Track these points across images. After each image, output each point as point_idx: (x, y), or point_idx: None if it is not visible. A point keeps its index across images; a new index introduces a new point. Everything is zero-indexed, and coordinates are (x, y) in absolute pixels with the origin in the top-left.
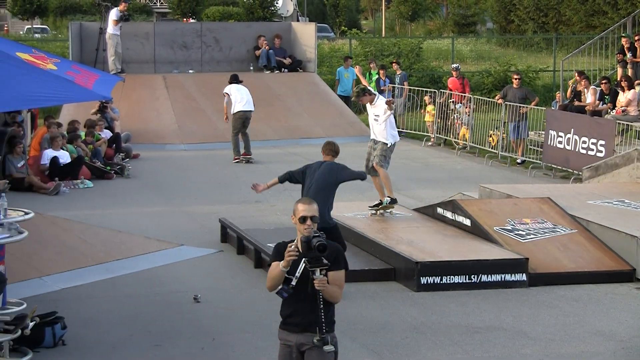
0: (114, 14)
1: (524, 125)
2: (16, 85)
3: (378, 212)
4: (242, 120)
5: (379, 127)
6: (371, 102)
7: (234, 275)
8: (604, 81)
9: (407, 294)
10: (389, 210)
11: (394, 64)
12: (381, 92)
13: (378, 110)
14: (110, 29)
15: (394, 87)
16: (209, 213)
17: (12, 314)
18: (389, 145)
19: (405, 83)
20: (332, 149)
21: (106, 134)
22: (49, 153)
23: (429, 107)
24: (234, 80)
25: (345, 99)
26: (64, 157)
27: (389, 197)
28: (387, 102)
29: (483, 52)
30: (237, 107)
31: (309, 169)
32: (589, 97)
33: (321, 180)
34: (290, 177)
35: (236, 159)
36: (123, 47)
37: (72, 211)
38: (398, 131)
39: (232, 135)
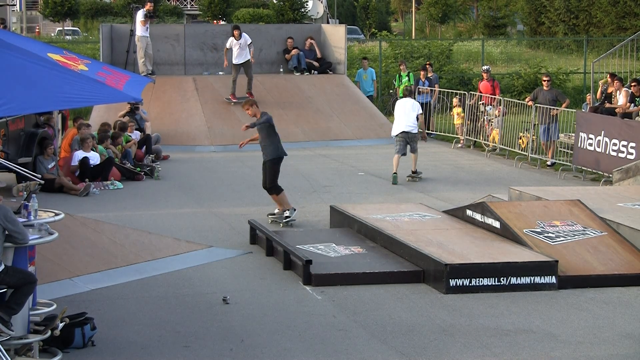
0: (140, 14)
1: (554, 127)
2: (48, 86)
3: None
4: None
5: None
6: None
7: (263, 277)
8: (634, 83)
9: (436, 296)
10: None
11: (422, 71)
12: (419, 93)
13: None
14: (139, 30)
15: (418, 89)
16: (238, 214)
17: (42, 314)
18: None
19: (436, 85)
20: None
21: (136, 135)
22: (79, 154)
23: (458, 110)
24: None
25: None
26: (94, 158)
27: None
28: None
29: (513, 54)
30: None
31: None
32: (621, 99)
33: None
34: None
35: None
36: (154, 48)
37: (102, 212)
38: (429, 133)
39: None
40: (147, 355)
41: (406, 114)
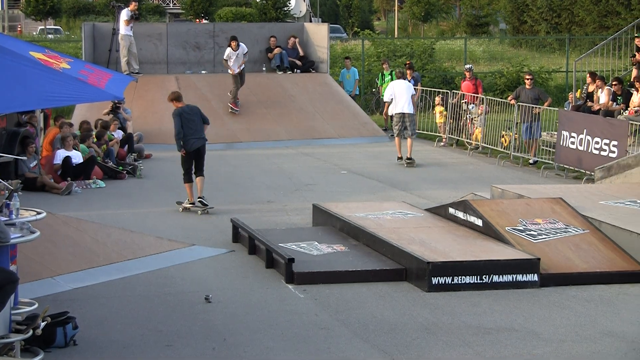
0: (124, 14)
1: (536, 125)
2: (30, 84)
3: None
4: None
5: None
6: None
7: (245, 275)
8: (615, 82)
9: (418, 294)
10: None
11: (408, 70)
12: None
13: None
14: (122, 29)
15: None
16: (220, 213)
17: (23, 313)
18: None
19: (418, 84)
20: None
21: (119, 134)
22: (61, 153)
23: (440, 108)
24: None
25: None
26: (77, 157)
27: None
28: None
29: (496, 52)
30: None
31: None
32: (602, 98)
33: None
34: None
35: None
36: (137, 47)
37: (85, 211)
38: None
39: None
40: (129, 354)
41: (401, 95)
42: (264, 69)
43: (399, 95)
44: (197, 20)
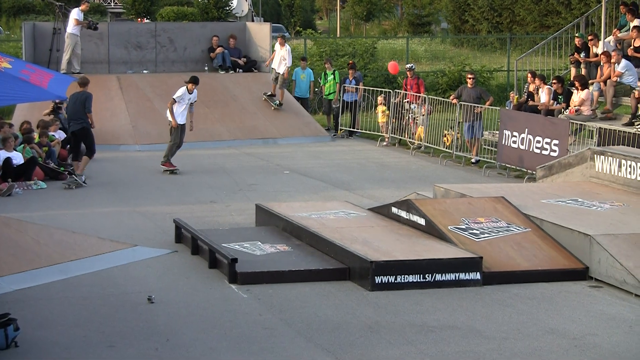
0: (75, 13)
1: (478, 125)
2: None
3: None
4: None
5: None
6: None
7: (188, 276)
8: (555, 80)
9: (361, 294)
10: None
11: (350, 69)
12: (345, 91)
13: None
14: (71, 28)
15: (344, 87)
16: (163, 213)
17: None
18: None
19: (360, 83)
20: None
21: (60, 134)
22: (1, 154)
23: (382, 108)
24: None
25: (301, 100)
26: (17, 158)
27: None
28: None
29: (438, 52)
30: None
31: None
32: (543, 97)
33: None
34: None
35: None
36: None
37: (26, 212)
38: (352, 131)
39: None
40: (71, 356)
41: None
42: (206, 68)
43: None
44: (139, 19)
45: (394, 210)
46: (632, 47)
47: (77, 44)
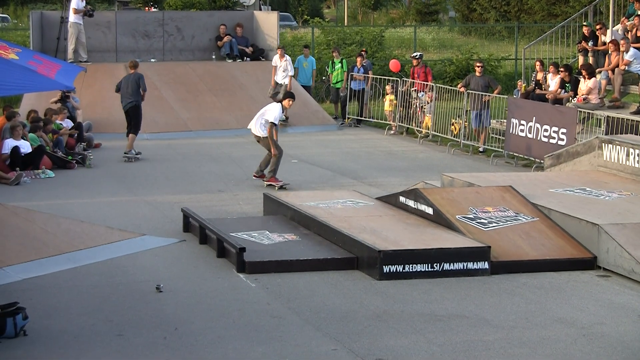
0: (74, 2)
1: (486, 113)
2: None
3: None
4: None
5: None
6: None
7: (196, 265)
8: (562, 69)
9: (369, 283)
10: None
11: (358, 57)
12: (353, 79)
13: None
14: (72, 17)
15: (352, 76)
16: (171, 202)
17: None
18: None
19: (369, 72)
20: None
21: (68, 123)
22: (9, 143)
23: (391, 97)
24: None
25: (305, 88)
26: (25, 146)
27: None
28: None
29: (445, 40)
30: None
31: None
32: (553, 85)
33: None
34: None
35: None
36: (85, 36)
37: (34, 201)
38: (360, 119)
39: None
40: (80, 344)
41: None
42: (213, 57)
43: None
44: (146, 8)
45: (402, 199)
46: (632, 35)
47: (82, 32)
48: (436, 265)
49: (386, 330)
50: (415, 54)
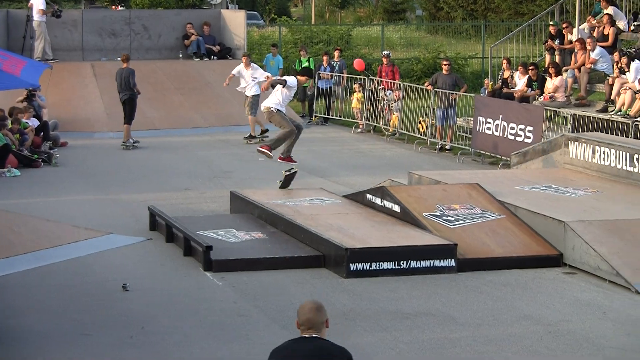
0: (40, 3)
1: (452, 111)
2: None
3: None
4: None
5: None
6: None
7: (163, 264)
8: (531, 67)
9: (336, 281)
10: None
11: (325, 56)
12: (320, 78)
13: None
14: (37, 16)
15: (332, 75)
16: (137, 201)
17: None
18: None
19: (344, 71)
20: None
21: (34, 122)
22: None
23: (358, 95)
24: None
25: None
26: None
27: None
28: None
29: (412, 39)
30: None
31: None
32: (521, 84)
33: None
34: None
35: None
36: (51, 35)
37: (0, 200)
38: (327, 118)
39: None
40: (47, 344)
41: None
42: (180, 56)
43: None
44: (113, 7)
45: (369, 197)
46: (598, 33)
47: (45, 31)
48: (403, 263)
49: (353, 328)
50: (386, 52)
